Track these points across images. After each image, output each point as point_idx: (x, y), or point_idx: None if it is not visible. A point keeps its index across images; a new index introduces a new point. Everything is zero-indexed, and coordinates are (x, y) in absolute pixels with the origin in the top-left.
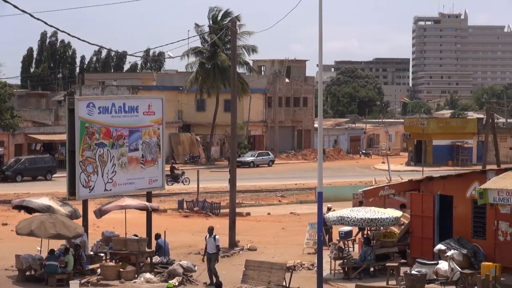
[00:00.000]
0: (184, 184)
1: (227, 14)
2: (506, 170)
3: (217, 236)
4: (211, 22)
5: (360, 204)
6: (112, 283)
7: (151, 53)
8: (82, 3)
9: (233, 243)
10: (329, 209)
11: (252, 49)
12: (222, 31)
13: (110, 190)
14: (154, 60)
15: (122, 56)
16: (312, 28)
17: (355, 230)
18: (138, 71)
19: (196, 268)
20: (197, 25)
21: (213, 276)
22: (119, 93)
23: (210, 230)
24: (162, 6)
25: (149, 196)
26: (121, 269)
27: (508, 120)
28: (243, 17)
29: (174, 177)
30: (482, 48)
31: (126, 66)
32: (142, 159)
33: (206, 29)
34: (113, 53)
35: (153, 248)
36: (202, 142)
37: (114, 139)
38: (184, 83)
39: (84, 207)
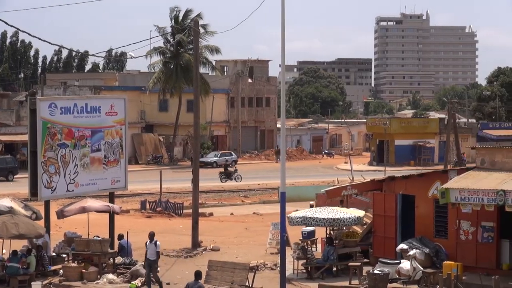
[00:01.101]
0: (236, 181)
1: (188, 13)
2: (467, 169)
3: (158, 242)
4: (173, 22)
5: (341, 203)
6: (75, 284)
7: (113, 53)
8: (43, 3)
9: (196, 244)
10: (311, 206)
11: (216, 50)
12: (185, 30)
13: (73, 190)
14: (116, 60)
15: (84, 56)
16: (275, 29)
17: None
18: (100, 71)
19: (158, 269)
20: (158, 26)
21: (157, 284)
22: (81, 93)
23: (151, 235)
24: (125, 6)
25: (111, 197)
26: (84, 270)
27: (470, 120)
28: (206, 16)
29: (227, 174)
30: (444, 48)
31: (88, 66)
32: (105, 159)
33: (169, 29)
34: (74, 53)
35: (116, 249)
36: (164, 142)
37: (76, 139)
38: (146, 83)
39: (46, 208)
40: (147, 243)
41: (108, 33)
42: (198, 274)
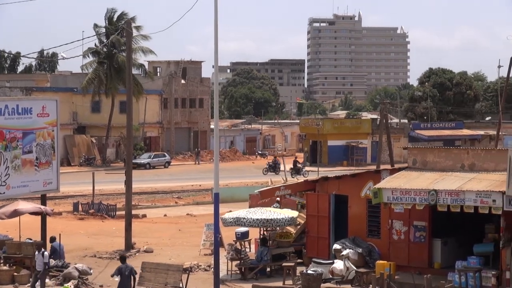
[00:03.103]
0: (304, 176)
1: (123, 15)
2: (399, 169)
3: (46, 253)
4: (107, 23)
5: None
6: (6, 287)
7: (45, 54)
8: None
9: (129, 245)
10: (278, 202)
11: (149, 51)
12: (118, 32)
13: (4, 193)
14: (48, 61)
15: (16, 57)
16: (208, 29)
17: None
18: (32, 72)
19: (92, 271)
20: (96, 26)
21: None
22: (12, 94)
23: (39, 246)
24: (56, 6)
25: (43, 199)
26: (15, 273)
27: (402, 121)
28: (139, 17)
29: (296, 170)
30: (376, 49)
31: (20, 68)
32: (36, 161)
33: (103, 30)
34: (6, 55)
35: (48, 251)
36: (97, 144)
37: (7, 141)
38: (78, 85)
39: None
40: (36, 254)
41: (40, 34)
42: (123, 258)
